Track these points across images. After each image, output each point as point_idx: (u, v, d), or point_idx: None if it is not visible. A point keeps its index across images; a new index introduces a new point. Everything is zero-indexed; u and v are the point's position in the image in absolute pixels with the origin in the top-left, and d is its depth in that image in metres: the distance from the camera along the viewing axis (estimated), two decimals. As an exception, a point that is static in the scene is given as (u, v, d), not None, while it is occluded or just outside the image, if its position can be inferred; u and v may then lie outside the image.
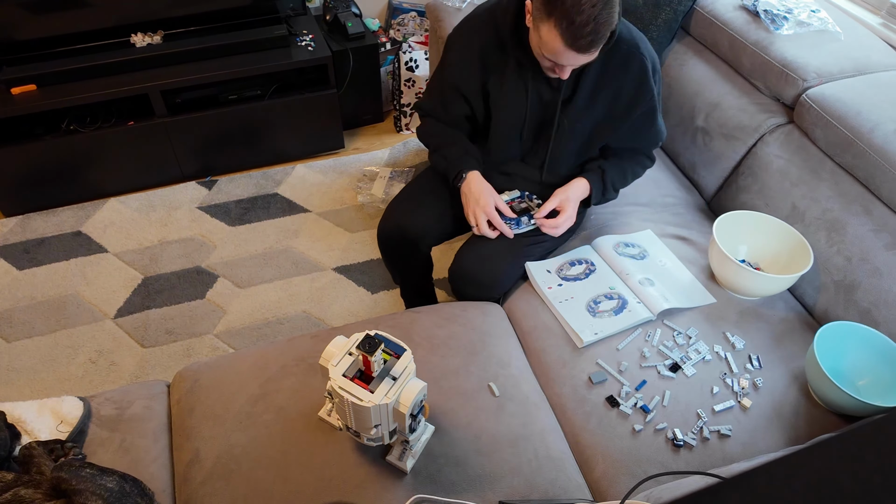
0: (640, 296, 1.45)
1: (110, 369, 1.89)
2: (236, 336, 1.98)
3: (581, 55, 1.22)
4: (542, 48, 1.25)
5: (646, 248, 1.57)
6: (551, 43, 1.21)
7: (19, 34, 2.14)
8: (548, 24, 1.19)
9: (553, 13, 1.17)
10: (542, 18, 1.20)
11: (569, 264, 1.54)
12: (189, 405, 1.27)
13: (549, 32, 1.19)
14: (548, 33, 1.20)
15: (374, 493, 1.11)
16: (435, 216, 1.59)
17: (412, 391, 1.01)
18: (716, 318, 1.43)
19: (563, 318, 1.42)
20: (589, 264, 1.53)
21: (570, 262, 1.54)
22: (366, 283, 2.15)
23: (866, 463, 0.50)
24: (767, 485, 0.52)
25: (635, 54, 1.38)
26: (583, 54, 1.22)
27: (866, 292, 1.37)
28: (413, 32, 2.74)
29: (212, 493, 1.13)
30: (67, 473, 0.95)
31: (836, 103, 1.49)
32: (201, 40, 2.31)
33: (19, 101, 2.14)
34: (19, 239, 2.28)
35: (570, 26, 1.16)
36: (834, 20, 1.71)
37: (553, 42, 1.20)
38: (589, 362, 1.35)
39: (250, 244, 2.27)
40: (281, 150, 2.58)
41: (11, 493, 0.93)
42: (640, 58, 1.38)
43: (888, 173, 1.36)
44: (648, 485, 1.16)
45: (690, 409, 1.26)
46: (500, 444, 1.19)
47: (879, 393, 1.25)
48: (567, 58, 1.23)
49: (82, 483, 0.94)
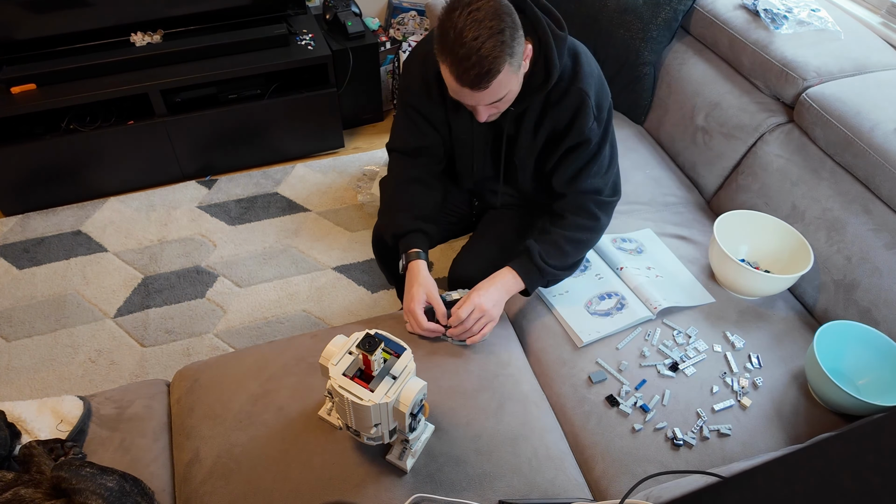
0: (639, 295, 1.45)
1: (110, 369, 1.89)
2: (236, 335, 1.98)
3: (476, 92, 1.13)
4: (450, 91, 1.19)
5: (644, 244, 1.57)
6: (449, 83, 1.15)
7: (19, 34, 2.14)
8: (443, 65, 1.13)
9: (443, 51, 1.11)
10: (440, 60, 1.14)
11: None
12: (189, 404, 1.27)
13: (445, 72, 1.14)
14: (444, 73, 1.14)
15: (374, 493, 1.11)
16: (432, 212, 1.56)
17: (412, 390, 1.01)
18: (716, 318, 1.43)
19: (563, 318, 1.42)
20: (587, 262, 1.53)
21: None
22: (366, 282, 2.15)
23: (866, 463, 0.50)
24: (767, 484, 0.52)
25: (573, 89, 1.27)
26: (477, 91, 1.12)
27: (866, 292, 1.37)
28: (413, 32, 2.74)
29: (212, 492, 1.13)
30: (67, 473, 0.95)
31: (835, 102, 1.49)
32: (201, 39, 2.31)
33: (19, 100, 2.14)
34: (19, 238, 2.28)
35: (456, 61, 1.09)
36: (834, 19, 1.71)
37: (449, 81, 1.14)
38: (589, 362, 1.35)
39: (250, 243, 2.27)
40: (281, 150, 2.58)
41: (11, 492, 0.93)
42: (578, 92, 1.27)
43: (888, 172, 1.36)
44: (648, 484, 1.16)
45: (690, 408, 1.26)
46: (499, 444, 1.19)
47: (879, 392, 1.25)
48: (465, 96, 1.16)
49: (82, 482, 0.94)
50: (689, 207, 1.74)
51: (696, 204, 1.76)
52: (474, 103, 1.19)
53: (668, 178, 1.82)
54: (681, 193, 1.78)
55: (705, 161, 1.78)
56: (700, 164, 1.80)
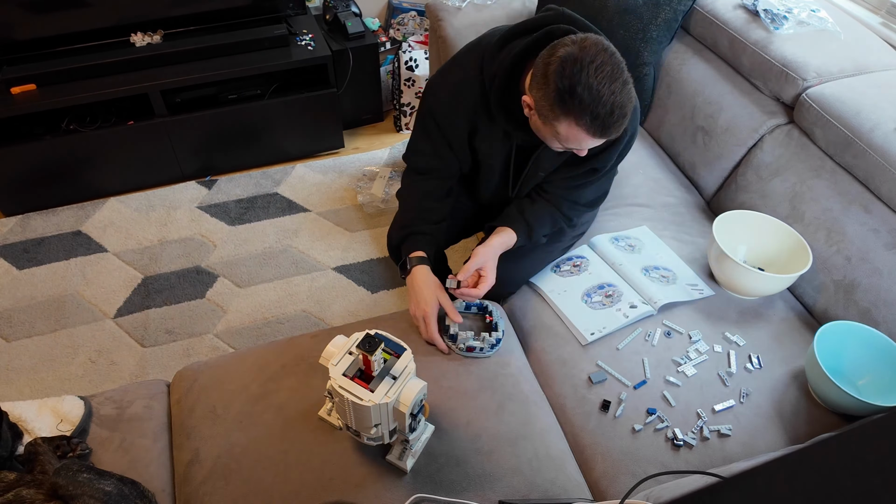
0: (640, 291, 1.45)
1: (110, 369, 1.89)
2: (236, 336, 1.98)
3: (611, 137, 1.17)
4: (561, 141, 1.19)
5: (642, 241, 1.58)
6: (575, 137, 1.15)
7: (19, 34, 2.14)
8: (566, 122, 1.13)
9: (570, 112, 1.11)
10: (555, 118, 1.14)
11: (566, 260, 1.54)
12: (189, 405, 1.27)
13: (571, 129, 1.14)
14: (569, 129, 1.14)
15: (374, 493, 1.11)
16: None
17: (412, 390, 1.01)
18: (716, 318, 1.43)
19: (567, 316, 1.42)
20: (585, 260, 1.54)
21: (567, 258, 1.55)
22: (366, 282, 2.15)
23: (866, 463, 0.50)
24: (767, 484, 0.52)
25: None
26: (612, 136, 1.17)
27: (866, 292, 1.37)
28: (413, 32, 2.74)
29: (212, 492, 1.13)
30: (64, 479, 0.95)
31: (835, 103, 1.49)
32: (201, 40, 2.31)
33: (19, 100, 2.14)
34: (19, 238, 2.28)
35: (596, 120, 1.10)
36: (834, 20, 1.71)
37: (577, 136, 1.15)
38: (589, 362, 1.35)
39: (250, 244, 2.27)
40: (281, 150, 2.58)
41: (13, 493, 0.93)
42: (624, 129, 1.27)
43: (888, 173, 1.36)
44: (648, 484, 1.16)
45: (690, 408, 1.26)
46: (500, 444, 1.19)
47: (879, 392, 1.25)
48: (594, 143, 1.18)
49: (79, 488, 0.94)
50: (688, 208, 1.74)
51: (695, 204, 1.76)
52: (592, 145, 1.20)
53: (668, 179, 1.82)
54: (680, 194, 1.78)
55: (705, 161, 1.78)
56: (700, 165, 1.80)
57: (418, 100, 2.72)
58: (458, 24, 2.06)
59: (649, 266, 1.51)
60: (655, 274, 1.49)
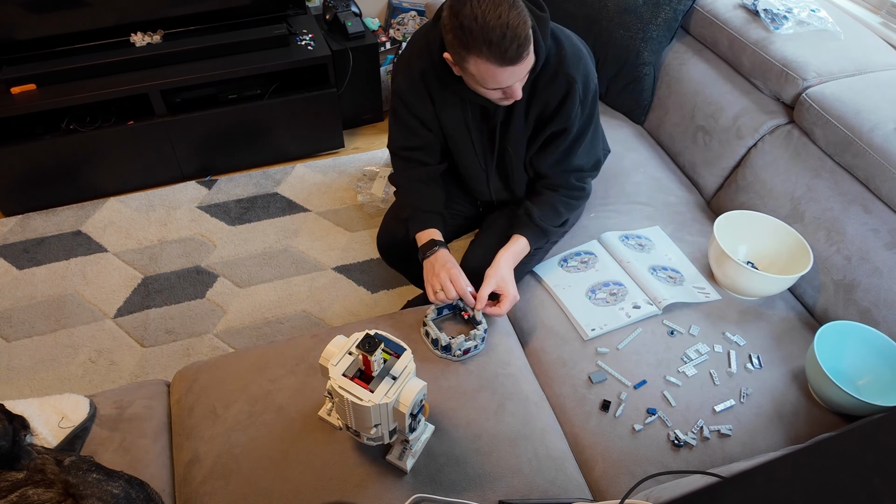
0: (646, 291, 1.45)
1: (110, 369, 1.89)
2: (236, 336, 1.98)
3: (517, 66, 1.16)
4: (482, 83, 1.20)
5: (653, 242, 1.58)
6: (486, 73, 1.17)
7: (19, 34, 2.14)
8: (472, 61, 1.15)
9: (470, 47, 1.13)
10: (464, 58, 1.16)
11: (574, 255, 1.55)
12: (189, 405, 1.27)
13: (478, 66, 1.15)
14: (477, 66, 1.16)
15: (374, 493, 1.11)
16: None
17: (412, 391, 1.01)
18: (716, 318, 1.43)
19: (570, 311, 1.42)
20: (593, 257, 1.54)
21: (575, 253, 1.56)
22: (366, 282, 2.15)
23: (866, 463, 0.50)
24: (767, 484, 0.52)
25: (561, 74, 1.31)
26: (517, 65, 1.16)
27: (866, 292, 1.37)
28: (413, 32, 2.73)
29: (212, 492, 1.13)
30: (76, 478, 0.94)
31: (835, 103, 1.49)
32: (201, 40, 2.31)
33: (19, 100, 2.14)
34: (19, 238, 2.28)
35: (491, 46, 1.11)
36: (834, 19, 1.71)
37: (487, 71, 1.16)
38: (589, 362, 1.35)
39: (250, 244, 2.27)
40: (281, 150, 2.58)
41: (18, 493, 0.93)
42: (566, 78, 1.31)
43: (888, 172, 1.36)
44: (648, 484, 1.16)
45: (690, 408, 1.26)
46: (500, 444, 1.19)
47: (879, 392, 1.25)
48: (506, 76, 1.18)
49: (89, 488, 0.94)
50: (689, 207, 1.74)
51: (696, 204, 1.76)
52: (513, 81, 1.20)
53: (668, 179, 1.82)
54: (681, 193, 1.78)
55: (705, 161, 1.78)
56: (700, 165, 1.80)
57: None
58: (458, 24, 2.06)
59: (657, 266, 1.51)
60: (663, 274, 1.49)
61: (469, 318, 1.40)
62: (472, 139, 1.43)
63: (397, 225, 1.56)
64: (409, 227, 1.48)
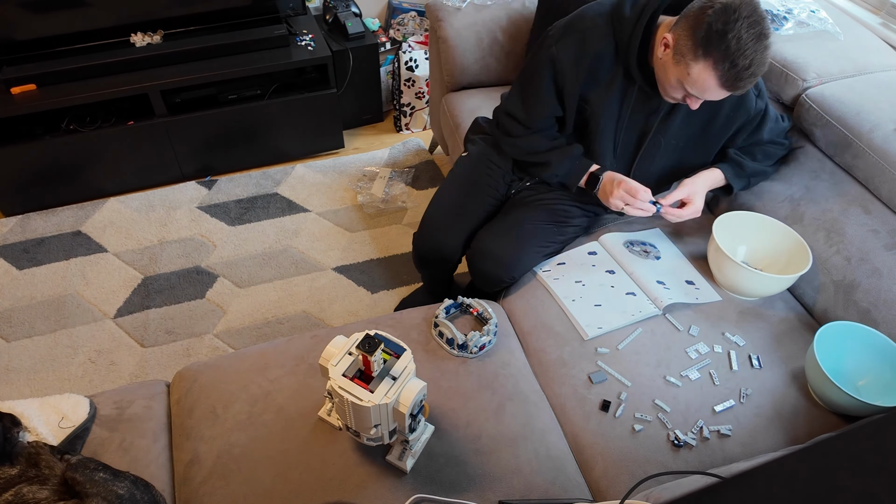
0: (647, 291, 1.45)
1: (110, 369, 1.89)
2: (236, 336, 1.98)
3: (730, 93, 1.22)
4: (687, 84, 1.23)
5: (655, 245, 1.58)
6: (704, 82, 1.20)
7: (19, 34, 2.14)
8: (702, 64, 1.18)
9: (711, 54, 1.16)
10: (693, 57, 1.18)
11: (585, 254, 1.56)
12: (189, 405, 1.27)
13: (704, 72, 1.18)
14: (701, 72, 1.19)
15: (374, 493, 1.11)
16: (472, 229, 1.60)
17: (412, 391, 1.01)
18: (716, 318, 1.43)
19: (570, 311, 1.43)
20: (595, 257, 1.54)
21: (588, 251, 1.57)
22: (366, 282, 2.15)
23: (866, 463, 0.50)
24: (767, 484, 0.52)
25: None
26: (735, 92, 1.22)
27: (866, 292, 1.37)
28: (413, 32, 2.74)
29: (211, 492, 1.13)
30: (82, 476, 0.94)
31: (835, 103, 1.49)
32: (201, 40, 2.31)
33: (19, 100, 2.14)
34: (19, 239, 2.28)
35: (732, 69, 1.15)
36: (834, 20, 1.71)
37: (707, 81, 1.19)
38: (589, 362, 1.35)
39: (250, 244, 2.27)
40: (281, 150, 2.58)
41: (13, 491, 0.92)
42: None
43: (887, 173, 1.36)
44: (648, 484, 1.16)
45: (690, 408, 1.26)
46: (499, 444, 1.19)
47: (879, 393, 1.25)
48: (716, 94, 1.23)
49: (95, 487, 0.93)
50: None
51: (695, 204, 1.76)
52: (716, 98, 1.25)
53: (668, 179, 1.82)
54: (681, 194, 1.78)
55: (705, 162, 1.78)
56: (700, 165, 1.80)
57: (418, 100, 2.72)
58: (458, 25, 2.06)
59: (660, 269, 1.51)
60: (663, 276, 1.49)
61: (478, 315, 1.42)
62: (620, 120, 1.44)
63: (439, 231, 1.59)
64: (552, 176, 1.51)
